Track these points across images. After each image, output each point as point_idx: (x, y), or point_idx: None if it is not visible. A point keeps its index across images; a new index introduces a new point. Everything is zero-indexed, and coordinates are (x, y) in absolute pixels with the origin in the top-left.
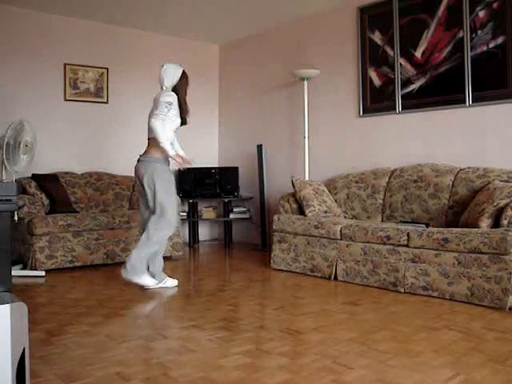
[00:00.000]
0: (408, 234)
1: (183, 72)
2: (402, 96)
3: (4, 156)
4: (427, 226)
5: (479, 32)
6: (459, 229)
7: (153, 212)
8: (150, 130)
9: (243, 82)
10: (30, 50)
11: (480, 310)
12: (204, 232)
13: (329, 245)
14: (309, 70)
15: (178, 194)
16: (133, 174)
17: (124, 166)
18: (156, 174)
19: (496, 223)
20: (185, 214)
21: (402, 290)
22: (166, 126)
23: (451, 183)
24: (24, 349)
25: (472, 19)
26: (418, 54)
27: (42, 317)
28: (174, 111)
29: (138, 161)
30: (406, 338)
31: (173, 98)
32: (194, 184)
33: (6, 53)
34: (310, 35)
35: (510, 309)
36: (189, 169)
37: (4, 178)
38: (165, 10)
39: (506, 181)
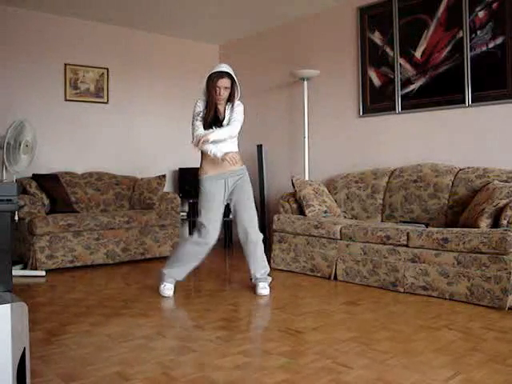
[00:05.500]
0: (408, 234)
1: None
2: (401, 96)
3: (4, 156)
4: (427, 225)
5: (479, 32)
6: (459, 229)
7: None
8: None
9: (243, 82)
10: (30, 50)
11: (479, 309)
12: None
13: (329, 245)
14: (309, 70)
15: (178, 194)
16: (133, 174)
17: (124, 166)
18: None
19: (496, 223)
20: (185, 214)
21: (402, 290)
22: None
23: (451, 183)
24: (24, 348)
25: (471, 19)
26: (418, 54)
27: (42, 316)
28: None
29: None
30: (406, 337)
31: None
32: (194, 184)
33: (6, 53)
34: (310, 35)
35: (509, 308)
36: (188, 169)
37: (4, 178)
38: (164, 10)
39: (506, 181)
